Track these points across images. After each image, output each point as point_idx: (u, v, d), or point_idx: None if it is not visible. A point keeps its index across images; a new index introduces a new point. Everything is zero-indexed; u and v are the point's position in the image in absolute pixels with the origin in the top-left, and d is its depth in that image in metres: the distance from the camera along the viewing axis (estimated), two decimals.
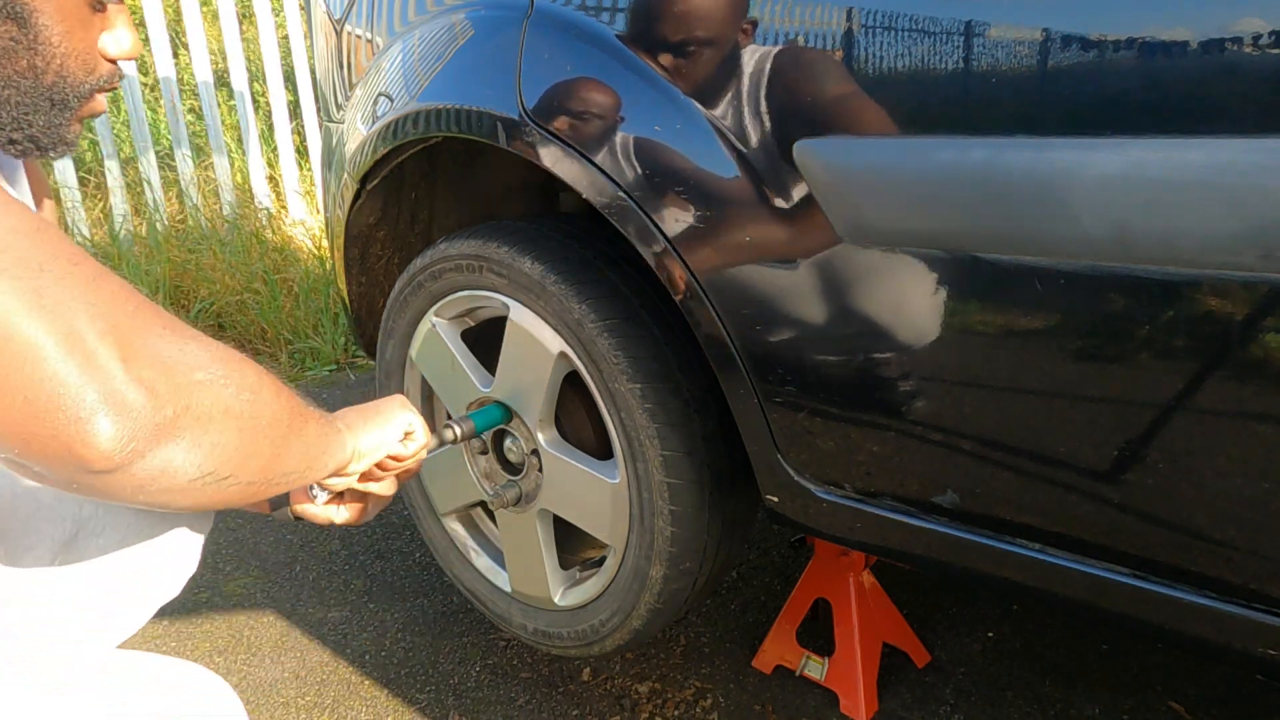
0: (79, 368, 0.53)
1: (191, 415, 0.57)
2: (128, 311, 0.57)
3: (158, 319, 0.59)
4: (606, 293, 1.19)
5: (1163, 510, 0.82)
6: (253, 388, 0.63)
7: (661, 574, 1.22)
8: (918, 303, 0.89)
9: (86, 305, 0.54)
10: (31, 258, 0.53)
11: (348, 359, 3.10)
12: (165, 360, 0.57)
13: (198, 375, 0.58)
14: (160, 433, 0.55)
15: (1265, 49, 0.67)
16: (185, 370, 0.58)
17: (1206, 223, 0.71)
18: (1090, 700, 1.40)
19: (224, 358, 0.62)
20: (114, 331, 0.55)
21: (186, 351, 0.59)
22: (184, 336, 0.60)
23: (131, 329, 0.56)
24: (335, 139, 1.60)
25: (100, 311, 0.55)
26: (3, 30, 0.66)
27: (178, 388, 0.57)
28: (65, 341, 0.52)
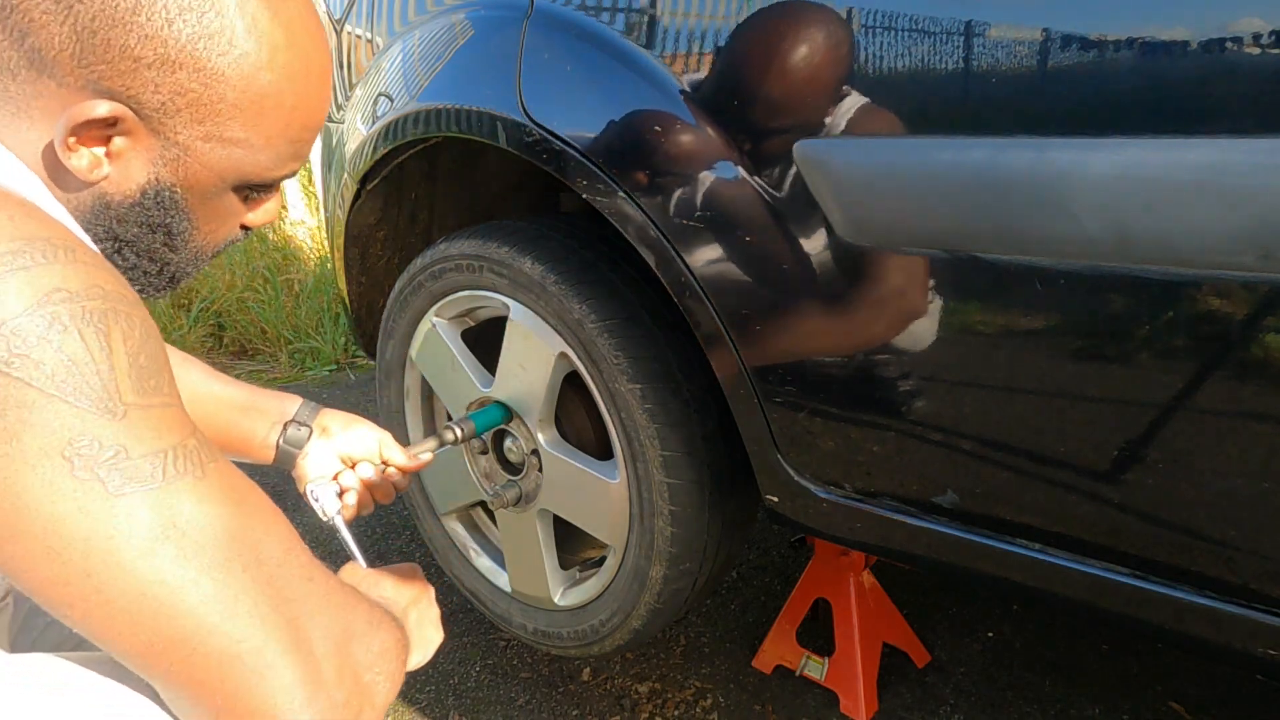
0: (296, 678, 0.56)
1: (368, 704, 0.61)
2: (344, 624, 0.60)
3: (361, 615, 0.63)
4: (607, 293, 1.19)
5: (1163, 510, 0.82)
6: (395, 674, 0.65)
7: (661, 574, 1.22)
8: (918, 303, 0.89)
9: (305, 620, 0.58)
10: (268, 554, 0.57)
11: (348, 359, 3.10)
12: (357, 668, 0.61)
13: (366, 677, 0.61)
14: None
15: (1265, 49, 0.67)
16: (364, 673, 0.61)
17: (1206, 223, 0.71)
18: (1090, 700, 1.40)
19: (388, 650, 0.64)
20: (327, 647, 0.58)
21: (370, 650, 0.62)
22: (373, 631, 0.63)
23: (344, 643, 0.60)
24: (335, 139, 1.60)
25: (316, 619, 0.58)
26: (153, 238, 0.67)
27: (360, 693, 0.60)
28: (286, 655, 0.56)
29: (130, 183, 0.64)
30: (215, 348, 3.17)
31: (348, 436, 1.04)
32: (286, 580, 0.58)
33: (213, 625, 0.54)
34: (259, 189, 0.70)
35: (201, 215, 0.68)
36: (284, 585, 0.57)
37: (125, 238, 0.66)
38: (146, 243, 0.67)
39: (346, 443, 1.04)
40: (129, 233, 0.66)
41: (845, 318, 0.94)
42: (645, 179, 1.05)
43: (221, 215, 0.70)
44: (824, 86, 0.91)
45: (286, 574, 0.58)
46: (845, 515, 1.06)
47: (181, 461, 0.55)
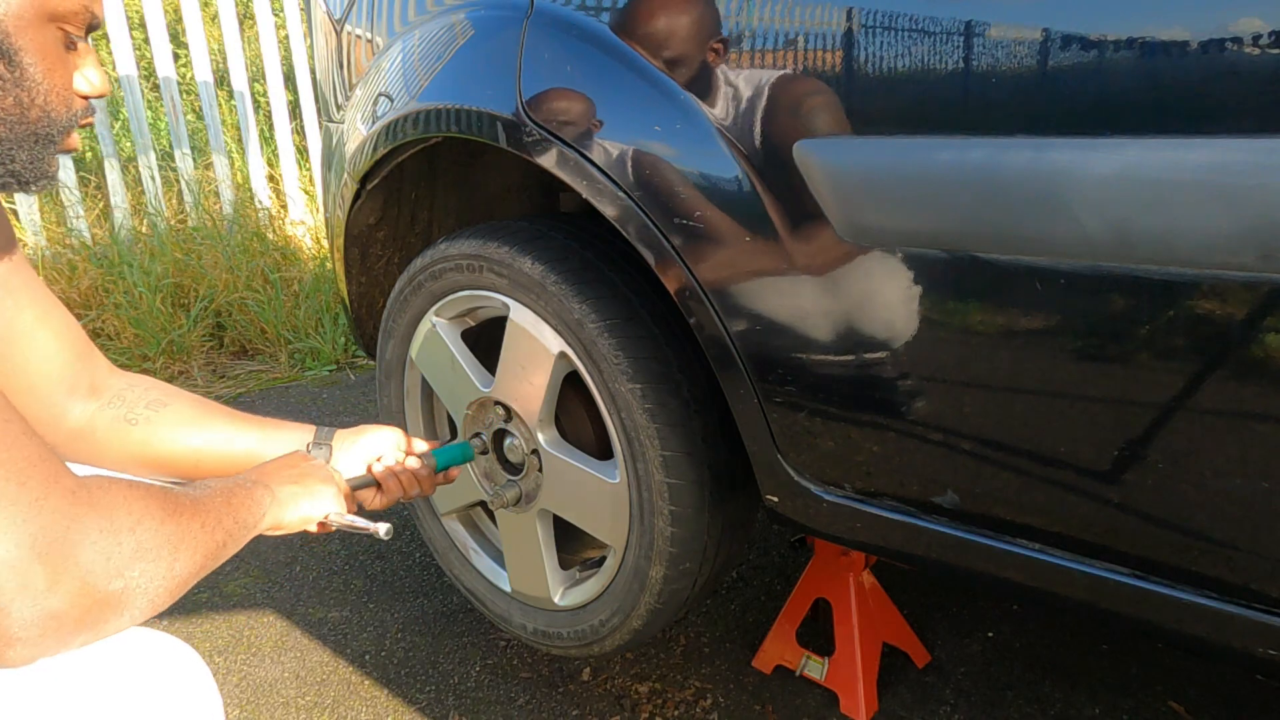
0: (17, 589, 0.57)
1: (114, 607, 0.62)
2: (63, 526, 0.60)
3: (95, 520, 0.62)
4: (607, 293, 1.19)
5: (1163, 510, 0.82)
6: (168, 567, 0.66)
7: (661, 574, 1.22)
8: (917, 303, 0.89)
9: (21, 527, 0.58)
10: None
11: (348, 359, 3.10)
12: (87, 576, 0.60)
13: (113, 585, 0.62)
14: (71, 632, 0.60)
15: (1265, 49, 0.67)
16: (104, 583, 0.61)
17: (1206, 223, 0.71)
18: (1090, 700, 1.40)
19: (148, 549, 0.65)
20: (48, 551, 0.58)
21: (113, 557, 0.62)
22: (116, 533, 0.63)
23: (60, 546, 0.59)
24: (335, 139, 1.60)
25: (35, 532, 0.58)
26: None
27: (92, 602, 0.61)
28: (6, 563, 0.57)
29: None
30: (215, 348, 3.17)
31: (366, 442, 1.09)
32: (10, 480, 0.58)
33: None
34: (69, 28, 0.74)
35: (29, 48, 0.71)
36: None
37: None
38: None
39: (366, 448, 1.09)
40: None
41: (845, 318, 0.94)
42: (645, 179, 1.05)
43: (50, 54, 0.72)
44: (824, 87, 0.91)
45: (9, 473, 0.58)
46: (845, 515, 1.06)
47: None
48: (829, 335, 0.96)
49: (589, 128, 1.09)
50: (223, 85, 4.64)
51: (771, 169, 0.94)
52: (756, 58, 0.95)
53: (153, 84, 4.82)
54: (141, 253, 3.34)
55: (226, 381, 2.97)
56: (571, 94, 1.12)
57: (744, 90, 0.96)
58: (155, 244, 3.39)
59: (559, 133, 1.12)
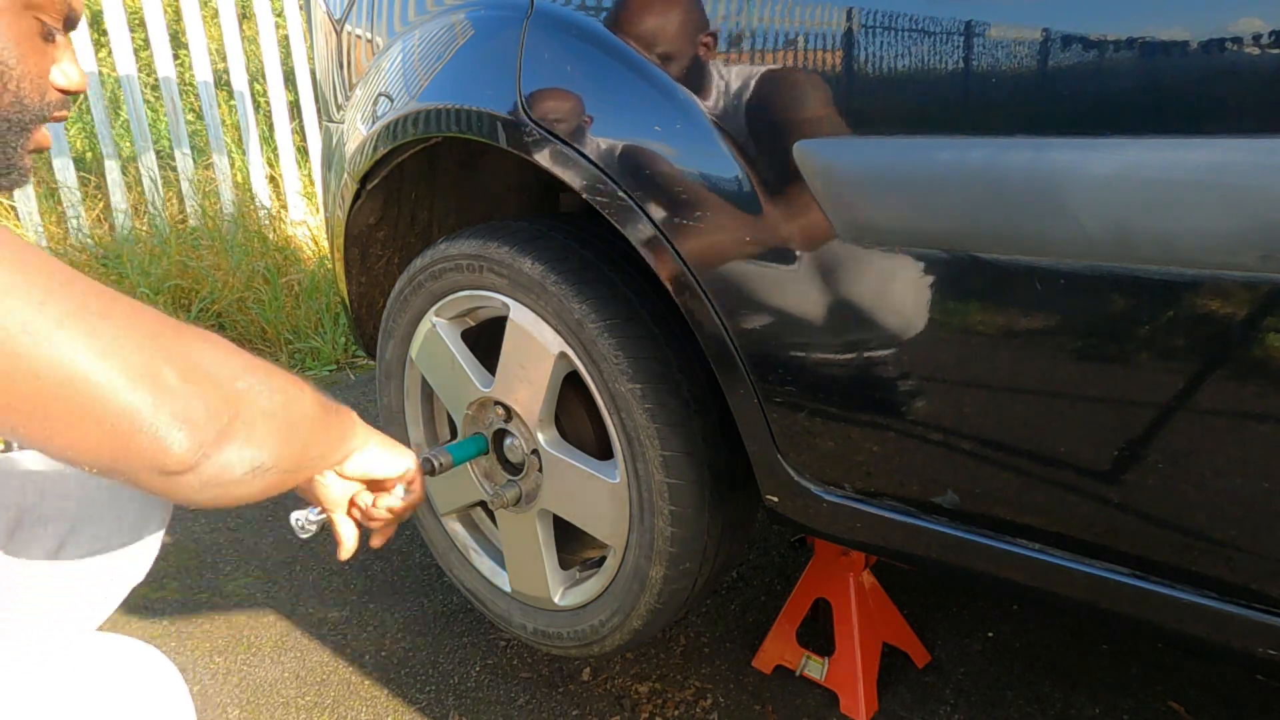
0: (150, 394, 0.60)
1: (241, 420, 0.65)
2: (170, 336, 0.64)
3: (197, 337, 0.67)
4: (607, 293, 1.19)
5: (1163, 510, 0.82)
6: (282, 389, 0.71)
7: (661, 574, 1.22)
8: (918, 303, 0.89)
9: (138, 337, 0.62)
10: (77, 304, 0.60)
11: (348, 359, 3.10)
12: (213, 376, 0.65)
13: (239, 385, 0.67)
14: (220, 437, 0.64)
15: (1265, 49, 0.67)
16: (229, 381, 0.66)
17: (1206, 223, 0.71)
18: (1090, 700, 1.40)
19: (254, 365, 0.70)
20: (167, 357, 0.62)
21: (226, 365, 0.67)
22: (220, 350, 0.68)
23: (180, 352, 0.64)
24: (335, 139, 1.60)
25: (150, 341, 0.62)
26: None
27: (227, 398, 0.65)
28: (131, 374, 0.60)
29: None
30: None
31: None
32: (108, 329, 0.60)
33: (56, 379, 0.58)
34: (45, 18, 0.75)
35: (4, 33, 0.71)
36: (110, 337, 0.60)
37: None
38: None
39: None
40: None
41: (845, 318, 0.94)
42: (645, 178, 1.05)
43: (25, 42, 0.73)
44: (824, 87, 0.91)
45: (105, 323, 0.60)
46: (845, 515, 1.06)
47: None
48: (829, 335, 0.96)
49: (589, 128, 1.09)
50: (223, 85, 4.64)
51: (771, 169, 0.94)
52: (757, 58, 0.95)
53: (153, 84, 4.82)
54: (142, 253, 3.34)
55: None
56: (572, 94, 1.12)
57: (744, 90, 0.96)
58: (156, 244, 3.39)
59: (559, 132, 1.12)
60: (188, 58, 4.18)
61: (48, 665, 0.71)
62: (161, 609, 1.76)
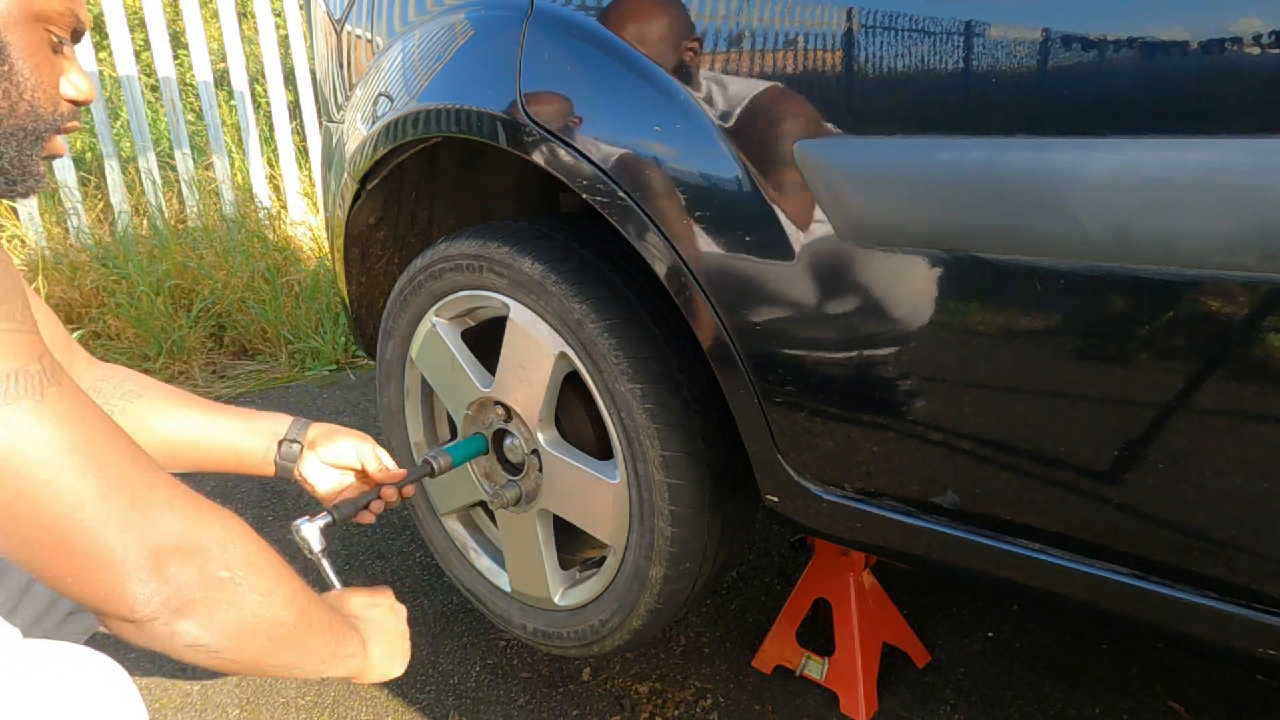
0: (136, 557, 0.66)
1: (202, 605, 0.69)
2: (182, 512, 0.69)
3: (215, 517, 0.72)
4: (607, 293, 1.19)
5: (1163, 510, 0.82)
6: (266, 592, 0.74)
7: (661, 574, 1.22)
8: (918, 303, 0.89)
9: (144, 513, 0.67)
10: (108, 463, 0.66)
11: (348, 359, 3.10)
12: (203, 555, 0.70)
13: (223, 574, 0.70)
14: (179, 611, 0.68)
15: (1265, 49, 0.67)
16: (216, 566, 0.70)
17: (1206, 223, 0.71)
18: (1090, 700, 1.40)
19: (255, 564, 0.73)
20: (168, 538, 0.67)
21: (226, 552, 0.71)
22: (229, 538, 0.72)
23: (185, 535, 0.69)
24: (335, 139, 1.60)
25: (155, 516, 0.67)
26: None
27: (203, 582, 0.69)
28: (126, 540, 0.65)
29: None
30: (215, 348, 3.17)
31: (329, 449, 1.13)
32: (126, 486, 0.67)
33: (60, 520, 0.63)
34: (55, 30, 0.77)
35: (18, 45, 0.73)
36: (123, 490, 0.66)
37: None
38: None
39: (329, 454, 1.13)
40: None
41: (845, 318, 0.94)
42: (645, 178, 1.05)
43: (37, 53, 0.75)
44: (824, 86, 0.91)
45: (127, 481, 0.67)
46: (845, 515, 1.06)
47: (22, 385, 0.63)
48: (829, 335, 0.96)
49: (589, 127, 1.09)
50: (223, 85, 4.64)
51: (772, 169, 0.94)
52: (757, 57, 0.95)
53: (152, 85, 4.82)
54: (143, 253, 3.34)
55: (226, 381, 2.97)
56: (572, 94, 1.12)
57: (744, 90, 0.96)
58: (157, 245, 3.39)
59: (559, 133, 1.12)
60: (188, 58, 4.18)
61: None
62: None
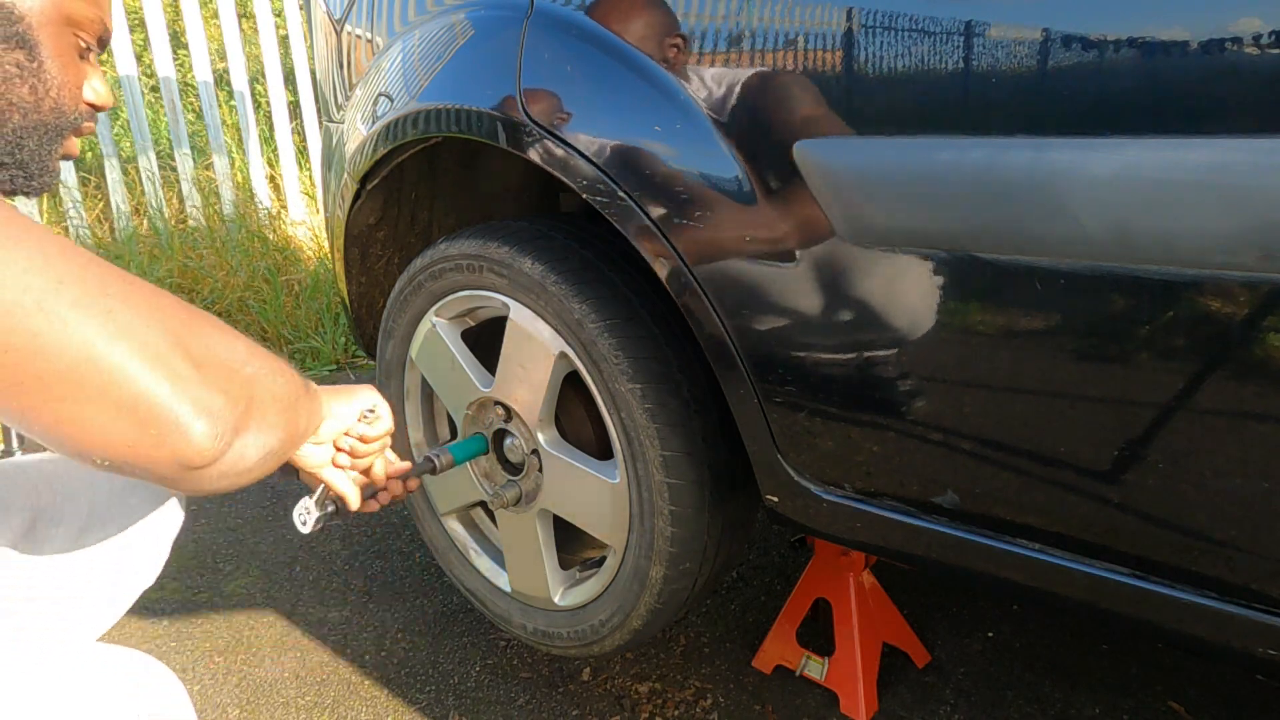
0: (168, 381, 0.59)
1: (256, 406, 0.66)
2: (184, 321, 0.63)
3: (207, 322, 0.66)
4: (607, 293, 1.19)
5: (1163, 510, 0.82)
6: (281, 370, 0.72)
7: (661, 574, 1.22)
8: (917, 303, 0.89)
9: (154, 322, 0.60)
10: (94, 286, 0.59)
11: (348, 359, 3.10)
12: (226, 362, 0.64)
13: (248, 370, 0.66)
14: (238, 425, 0.63)
15: (1265, 49, 0.67)
16: (240, 367, 0.66)
17: (1206, 223, 0.71)
18: (1090, 700, 1.40)
19: (254, 348, 0.70)
20: (182, 343, 0.61)
21: (234, 350, 0.67)
22: (227, 335, 0.68)
23: (194, 338, 0.63)
24: (335, 139, 1.60)
25: (167, 326, 0.61)
26: (10, 58, 0.74)
27: (241, 384, 0.65)
28: (148, 359, 0.59)
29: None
30: None
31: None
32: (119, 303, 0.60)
33: (70, 359, 0.57)
34: (83, 35, 0.79)
35: (48, 44, 0.76)
36: (116, 308, 0.59)
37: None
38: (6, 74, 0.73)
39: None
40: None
41: (845, 318, 0.94)
42: (645, 178, 1.05)
43: (65, 55, 0.77)
44: (824, 87, 0.91)
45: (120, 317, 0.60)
46: (845, 515, 1.06)
47: None
48: (829, 335, 0.96)
49: (589, 127, 1.09)
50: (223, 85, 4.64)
51: (771, 169, 0.94)
52: (757, 58, 0.95)
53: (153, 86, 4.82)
54: (143, 253, 3.34)
55: None
56: (571, 94, 1.12)
57: (744, 90, 0.96)
58: (157, 245, 3.39)
59: (559, 132, 1.12)
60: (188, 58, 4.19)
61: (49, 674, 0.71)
62: (161, 609, 1.76)
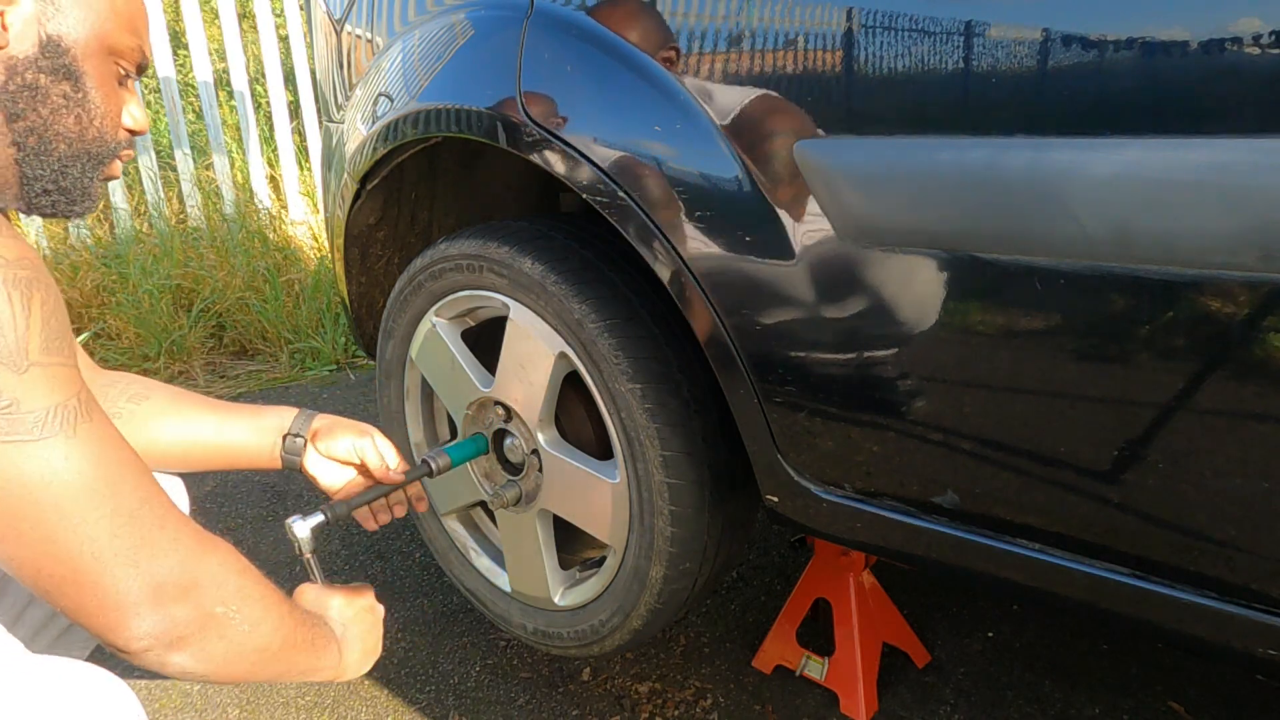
0: (138, 595, 0.70)
1: (196, 640, 0.73)
2: (186, 550, 0.73)
3: (215, 554, 0.76)
4: (607, 293, 1.19)
5: (1163, 510, 0.82)
6: (256, 622, 0.78)
7: (661, 574, 1.22)
8: (917, 303, 0.89)
9: (151, 552, 0.71)
10: (124, 501, 0.71)
11: (348, 359, 3.10)
12: (199, 592, 0.73)
13: (218, 610, 0.74)
14: (171, 647, 0.72)
15: (1265, 49, 0.67)
16: (211, 603, 0.74)
17: (1206, 223, 0.71)
18: (1090, 700, 1.40)
19: (246, 596, 0.77)
20: (170, 576, 0.72)
21: (222, 586, 0.75)
22: (224, 569, 0.76)
23: (186, 574, 0.73)
24: (335, 139, 1.60)
25: (161, 554, 0.71)
26: (58, 90, 0.77)
27: (199, 618, 0.73)
28: (131, 577, 0.70)
29: (26, 42, 0.75)
30: (215, 348, 3.17)
31: (327, 444, 1.12)
32: (139, 523, 0.71)
33: (73, 553, 0.68)
34: (123, 64, 0.82)
35: (92, 74, 0.79)
36: (135, 528, 0.71)
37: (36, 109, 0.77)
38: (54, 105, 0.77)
39: (327, 449, 1.12)
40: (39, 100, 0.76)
41: (845, 318, 0.94)
42: (645, 178, 1.05)
43: (107, 84, 0.81)
44: (824, 87, 0.91)
45: (139, 519, 0.71)
46: (845, 515, 1.06)
47: (58, 419, 0.68)
48: (829, 335, 0.96)
49: (589, 128, 1.09)
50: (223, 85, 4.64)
51: (772, 169, 0.94)
52: (757, 58, 0.95)
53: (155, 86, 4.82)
54: (143, 253, 3.34)
55: (227, 381, 2.97)
56: (571, 94, 1.12)
57: (745, 90, 0.96)
58: (157, 245, 3.39)
59: (559, 133, 1.12)
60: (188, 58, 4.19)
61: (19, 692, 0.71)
62: None
